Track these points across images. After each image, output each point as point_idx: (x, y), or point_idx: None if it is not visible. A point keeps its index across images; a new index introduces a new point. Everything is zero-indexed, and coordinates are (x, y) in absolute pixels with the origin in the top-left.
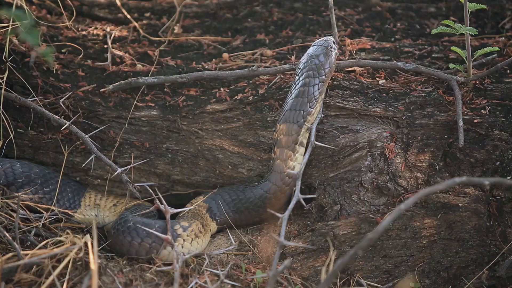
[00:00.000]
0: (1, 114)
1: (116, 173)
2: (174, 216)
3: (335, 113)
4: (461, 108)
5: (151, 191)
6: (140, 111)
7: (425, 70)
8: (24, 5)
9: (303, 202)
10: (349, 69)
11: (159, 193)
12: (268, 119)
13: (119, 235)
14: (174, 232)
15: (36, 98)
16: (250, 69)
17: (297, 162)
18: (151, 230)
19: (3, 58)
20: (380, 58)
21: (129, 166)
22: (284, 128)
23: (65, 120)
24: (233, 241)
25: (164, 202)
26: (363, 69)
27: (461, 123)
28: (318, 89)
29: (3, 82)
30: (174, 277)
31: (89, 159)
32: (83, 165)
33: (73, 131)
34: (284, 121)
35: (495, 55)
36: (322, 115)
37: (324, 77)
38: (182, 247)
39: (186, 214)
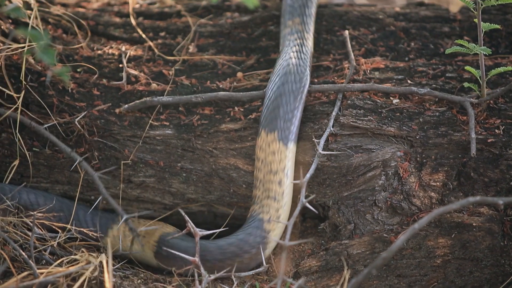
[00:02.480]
0: (17, 133)
1: (123, 220)
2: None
3: (349, 132)
4: (473, 122)
5: (182, 213)
6: (155, 130)
7: (439, 94)
8: (44, 25)
9: (310, 207)
10: None
11: (186, 216)
12: None
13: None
14: (264, 233)
15: (46, 125)
16: (264, 90)
17: None
18: (178, 253)
19: (20, 78)
20: (394, 77)
21: (135, 215)
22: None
23: (77, 155)
24: (264, 262)
25: (193, 225)
26: None
27: (473, 135)
28: None
29: (19, 102)
30: None
31: (98, 200)
32: (93, 205)
33: (84, 167)
34: None
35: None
36: (332, 129)
37: None
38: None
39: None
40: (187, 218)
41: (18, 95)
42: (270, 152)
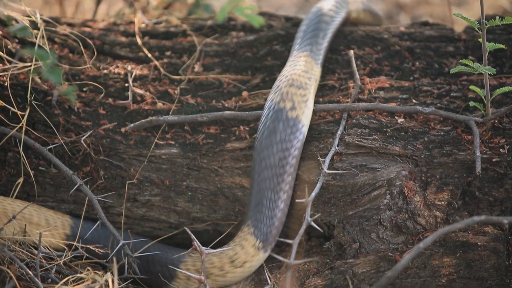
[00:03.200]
0: (21, 152)
1: (120, 245)
2: None
3: (354, 152)
4: (478, 141)
5: (189, 231)
6: (160, 149)
7: (444, 113)
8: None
9: (315, 225)
10: None
11: (192, 235)
12: None
13: None
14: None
15: (49, 147)
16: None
17: None
18: (180, 270)
19: (27, 97)
20: (398, 97)
21: (130, 241)
22: None
23: (77, 178)
24: (269, 280)
25: (199, 243)
26: None
27: (478, 154)
28: None
29: (23, 121)
30: None
31: (96, 224)
32: (92, 229)
33: (84, 191)
34: None
35: None
36: (337, 148)
37: None
38: None
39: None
40: (193, 236)
41: (23, 113)
42: (300, 60)
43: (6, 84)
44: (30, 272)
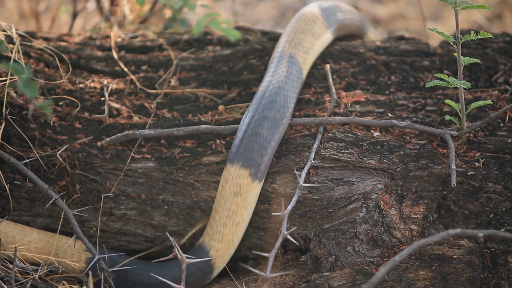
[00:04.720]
0: None
1: (95, 259)
2: None
3: (330, 165)
4: (454, 154)
5: (170, 238)
6: (136, 163)
7: (420, 127)
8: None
9: (291, 239)
10: None
11: (174, 242)
12: None
13: None
14: None
15: (24, 161)
16: None
17: None
18: (163, 279)
19: (2, 111)
20: (374, 111)
21: (105, 256)
22: None
23: (53, 192)
24: None
25: (180, 251)
26: None
27: (453, 166)
28: None
29: None
30: None
31: (72, 239)
32: (66, 244)
33: (59, 205)
34: None
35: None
36: (313, 162)
37: None
38: None
39: None
40: (175, 243)
41: None
42: None
43: None
44: (6, 287)
